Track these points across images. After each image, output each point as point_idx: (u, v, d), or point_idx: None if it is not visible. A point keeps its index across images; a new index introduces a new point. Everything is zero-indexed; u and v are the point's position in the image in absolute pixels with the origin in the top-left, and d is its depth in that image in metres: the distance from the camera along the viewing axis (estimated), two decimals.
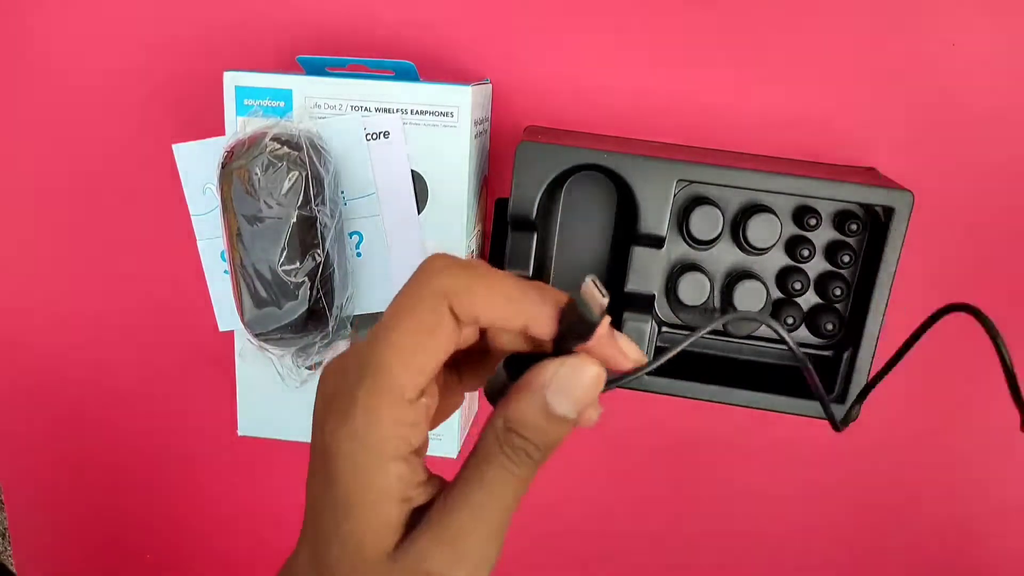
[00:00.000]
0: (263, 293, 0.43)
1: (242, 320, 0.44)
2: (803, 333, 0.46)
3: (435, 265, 0.27)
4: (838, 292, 0.44)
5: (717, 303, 0.46)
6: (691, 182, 0.43)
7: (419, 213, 0.45)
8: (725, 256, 0.45)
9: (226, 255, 0.44)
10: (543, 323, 0.26)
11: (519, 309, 0.26)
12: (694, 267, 0.44)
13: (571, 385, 0.26)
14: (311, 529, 0.28)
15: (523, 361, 0.27)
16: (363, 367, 0.26)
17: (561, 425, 0.26)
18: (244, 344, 0.46)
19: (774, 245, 0.44)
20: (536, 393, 0.26)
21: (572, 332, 0.26)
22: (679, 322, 0.46)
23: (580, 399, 0.26)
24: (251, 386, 0.49)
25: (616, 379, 0.27)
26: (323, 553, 0.27)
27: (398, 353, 0.26)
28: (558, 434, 0.26)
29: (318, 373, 0.45)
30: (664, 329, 0.46)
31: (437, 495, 0.27)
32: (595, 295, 0.25)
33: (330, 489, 0.26)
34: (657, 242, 0.43)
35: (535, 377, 0.26)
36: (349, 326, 0.47)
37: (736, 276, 0.44)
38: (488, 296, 0.26)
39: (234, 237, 0.43)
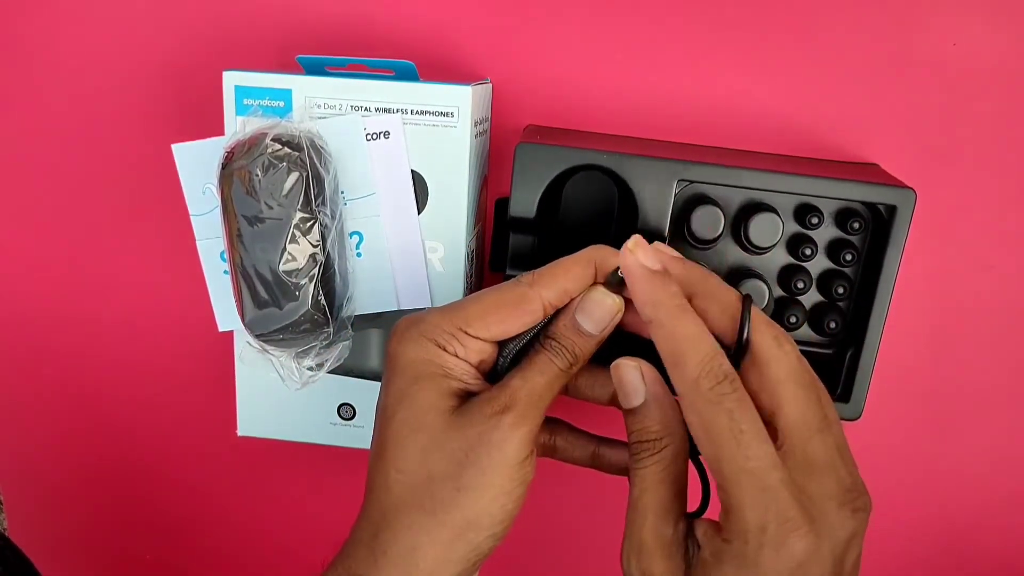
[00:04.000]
0: (263, 294, 0.43)
1: (242, 320, 0.44)
2: (806, 332, 0.45)
3: (527, 274, 0.36)
4: (841, 290, 0.44)
5: None
6: (692, 182, 0.43)
7: (419, 213, 0.45)
8: (727, 255, 0.45)
9: (226, 255, 0.44)
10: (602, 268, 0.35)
11: (587, 270, 0.35)
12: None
13: (591, 308, 0.35)
14: (375, 432, 0.36)
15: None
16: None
17: (585, 338, 0.35)
18: (243, 345, 0.46)
19: (776, 244, 0.44)
20: (569, 310, 0.35)
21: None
22: None
23: (599, 319, 0.35)
24: (251, 386, 0.48)
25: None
26: (385, 424, 0.34)
27: (480, 307, 0.35)
28: (581, 344, 0.35)
29: (319, 375, 0.45)
30: None
31: None
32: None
33: (397, 372, 0.35)
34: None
35: (573, 302, 0.35)
36: (350, 327, 0.46)
37: (738, 275, 0.44)
38: (565, 272, 0.35)
39: (234, 237, 0.43)
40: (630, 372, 0.34)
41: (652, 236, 0.42)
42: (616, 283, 0.35)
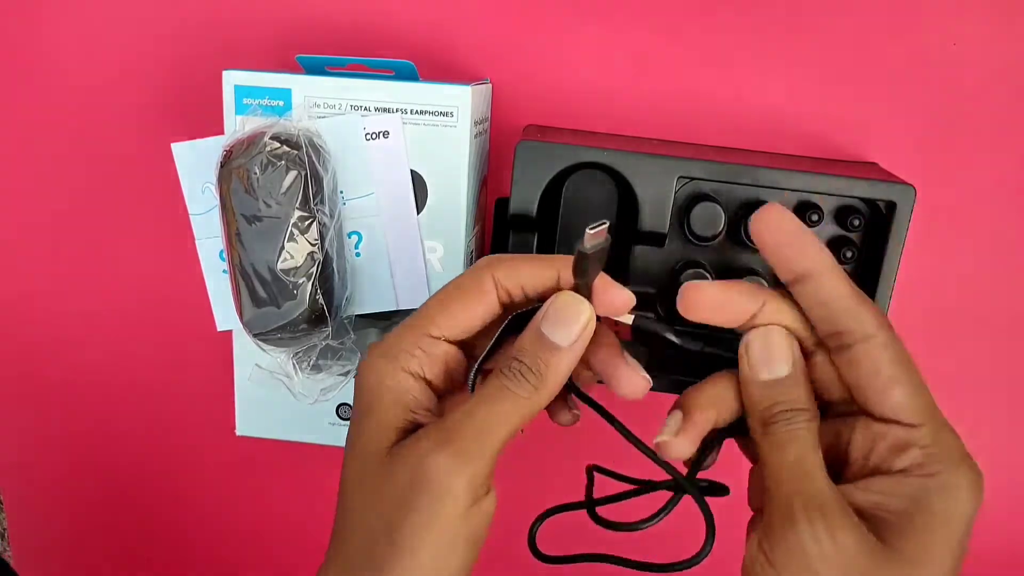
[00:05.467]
0: (262, 293, 0.43)
1: (241, 320, 0.44)
2: None
3: (483, 257, 0.33)
4: None
5: None
6: (692, 179, 0.43)
7: (419, 213, 0.45)
8: (727, 253, 0.45)
9: (225, 254, 0.44)
10: (566, 275, 0.31)
11: (547, 264, 0.31)
12: (696, 265, 0.44)
13: (558, 315, 0.30)
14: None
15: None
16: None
17: (552, 351, 0.29)
18: (252, 366, 0.47)
19: None
20: (534, 322, 0.30)
21: (575, 272, 0.30)
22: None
23: (567, 327, 0.30)
24: (249, 386, 0.48)
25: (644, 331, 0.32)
26: (344, 462, 0.31)
27: (437, 302, 0.31)
28: (551, 360, 0.29)
29: (332, 394, 0.45)
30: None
31: None
32: (591, 236, 0.28)
33: (355, 404, 0.31)
34: (658, 240, 0.43)
35: (536, 315, 0.30)
36: (349, 327, 0.46)
37: (739, 273, 0.44)
38: (527, 264, 0.31)
39: (233, 236, 0.43)
40: (783, 338, 0.30)
41: (652, 234, 0.43)
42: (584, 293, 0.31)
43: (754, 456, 0.33)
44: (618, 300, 0.31)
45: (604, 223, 0.28)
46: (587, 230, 0.28)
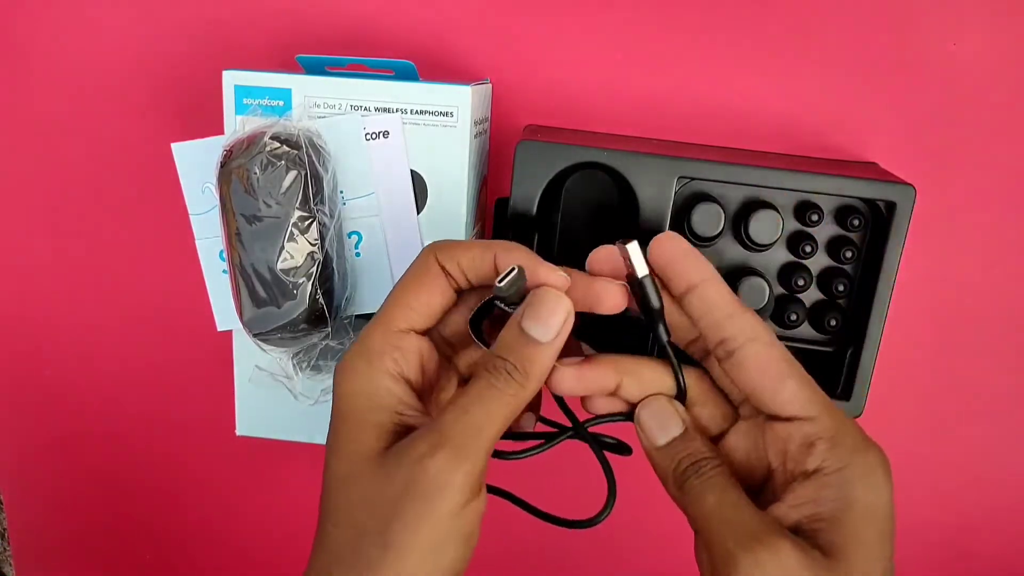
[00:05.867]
0: (262, 293, 0.43)
1: (241, 320, 0.44)
2: (806, 330, 0.45)
3: (428, 244, 0.34)
4: (841, 288, 0.44)
5: None
6: (692, 179, 0.43)
7: (419, 213, 0.45)
8: (727, 253, 0.45)
9: (225, 254, 0.44)
10: (503, 258, 0.32)
11: (484, 249, 0.32)
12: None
13: (538, 311, 0.30)
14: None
15: (482, 318, 0.34)
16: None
17: (534, 347, 0.30)
18: (253, 368, 0.47)
19: (776, 241, 0.44)
20: (514, 319, 0.31)
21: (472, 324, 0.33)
22: None
23: (546, 321, 0.30)
24: (249, 386, 0.48)
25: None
26: (324, 472, 0.31)
27: (393, 297, 0.32)
28: (534, 356, 0.30)
29: (329, 391, 0.45)
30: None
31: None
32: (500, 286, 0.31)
33: (333, 411, 0.31)
34: None
35: (516, 312, 0.31)
36: (349, 327, 0.46)
37: (738, 273, 0.44)
38: (465, 246, 0.32)
39: (233, 236, 0.43)
40: (666, 403, 0.32)
41: (652, 233, 0.42)
42: (512, 291, 0.31)
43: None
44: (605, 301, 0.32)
45: (513, 269, 0.31)
46: (496, 282, 0.31)
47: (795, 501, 0.30)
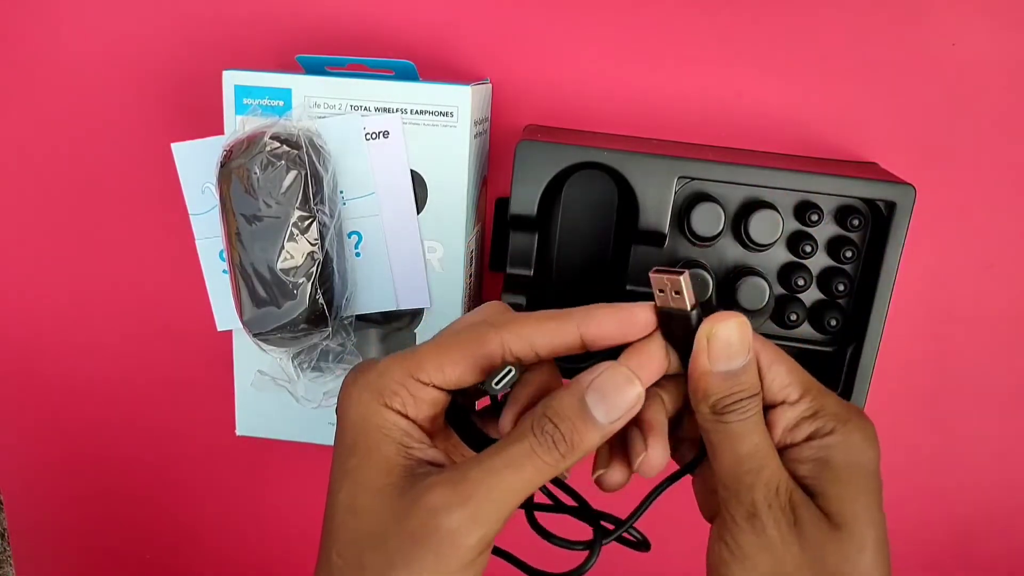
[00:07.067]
0: (262, 293, 0.43)
1: (241, 320, 0.44)
2: (806, 329, 0.45)
3: (491, 305, 0.32)
4: (841, 288, 0.44)
5: (718, 301, 0.45)
6: (692, 179, 0.43)
7: (418, 213, 0.45)
8: (727, 253, 0.45)
9: (225, 254, 0.44)
10: (588, 330, 0.29)
11: (565, 321, 0.30)
12: (696, 265, 0.44)
13: (606, 389, 0.28)
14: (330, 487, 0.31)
15: (462, 417, 0.31)
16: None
17: (590, 424, 0.27)
18: (255, 373, 0.47)
19: (776, 241, 0.44)
20: (577, 387, 0.28)
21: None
22: None
23: (616, 407, 0.27)
24: (250, 386, 0.48)
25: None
26: (329, 497, 0.30)
27: (434, 346, 0.30)
28: (585, 434, 0.27)
29: (331, 395, 0.45)
30: None
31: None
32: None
33: (340, 437, 0.30)
34: (658, 240, 0.43)
35: (583, 375, 0.28)
36: (349, 327, 0.46)
37: (738, 273, 0.44)
38: (538, 324, 0.30)
39: (233, 236, 0.43)
40: (741, 330, 0.29)
41: (652, 234, 0.42)
42: (501, 391, 0.29)
43: (682, 460, 0.33)
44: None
45: (510, 371, 0.29)
46: (491, 382, 0.29)
47: (790, 460, 0.30)
